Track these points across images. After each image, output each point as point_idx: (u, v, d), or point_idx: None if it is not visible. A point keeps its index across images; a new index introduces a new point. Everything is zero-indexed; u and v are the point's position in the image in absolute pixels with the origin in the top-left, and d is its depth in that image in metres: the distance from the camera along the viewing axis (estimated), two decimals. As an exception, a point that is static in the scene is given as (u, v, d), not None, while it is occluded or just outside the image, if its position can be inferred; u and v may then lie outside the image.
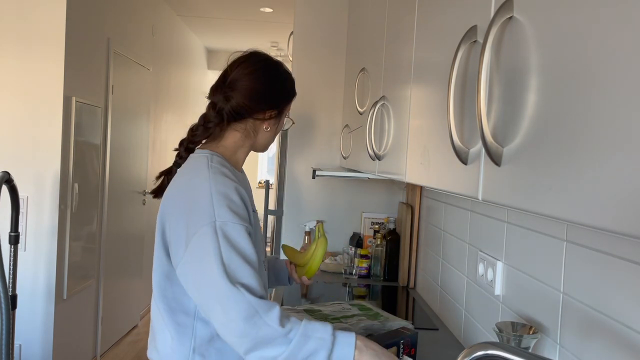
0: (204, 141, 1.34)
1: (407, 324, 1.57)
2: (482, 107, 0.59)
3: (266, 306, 1.09)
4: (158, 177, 1.36)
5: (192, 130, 1.33)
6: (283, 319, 1.09)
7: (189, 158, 1.30)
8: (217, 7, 5.02)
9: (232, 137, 1.31)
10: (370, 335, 1.42)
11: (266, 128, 1.33)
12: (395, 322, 1.56)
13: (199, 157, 1.26)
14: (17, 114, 2.92)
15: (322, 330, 1.10)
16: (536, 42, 0.54)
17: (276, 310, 1.09)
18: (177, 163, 1.33)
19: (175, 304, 1.23)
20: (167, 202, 1.22)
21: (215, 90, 1.31)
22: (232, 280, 1.09)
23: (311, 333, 1.09)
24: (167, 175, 1.34)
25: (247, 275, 1.11)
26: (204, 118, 1.31)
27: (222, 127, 1.31)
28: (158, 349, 1.26)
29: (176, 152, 1.34)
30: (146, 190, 4.54)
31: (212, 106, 1.30)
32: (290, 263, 1.57)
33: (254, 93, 1.28)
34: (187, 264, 1.15)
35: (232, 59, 1.33)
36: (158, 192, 1.34)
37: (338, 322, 1.48)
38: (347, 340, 1.11)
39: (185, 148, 1.33)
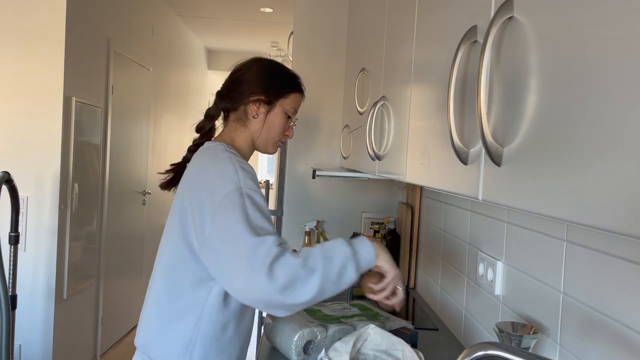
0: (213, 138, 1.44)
1: (407, 324, 1.57)
2: (482, 107, 0.59)
3: (282, 254, 1.12)
4: (169, 170, 1.43)
5: (197, 125, 1.44)
6: (298, 255, 1.13)
7: (202, 147, 1.35)
8: (217, 7, 5.01)
9: (232, 128, 1.40)
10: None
11: (254, 115, 1.38)
12: (395, 322, 1.56)
13: (214, 145, 1.34)
14: (17, 114, 2.92)
15: (337, 245, 1.16)
16: (536, 42, 0.54)
17: (288, 252, 1.12)
18: (188, 157, 1.40)
19: (188, 295, 1.25)
20: (187, 182, 1.27)
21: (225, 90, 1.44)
22: (257, 232, 1.13)
23: (331, 253, 1.14)
24: (178, 168, 1.41)
25: (270, 230, 1.16)
26: (205, 111, 1.45)
27: (226, 121, 1.43)
28: (155, 337, 1.28)
29: (187, 148, 1.42)
30: (146, 190, 4.54)
31: (214, 102, 1.45)
32: None
33: (240, 81, 1.39)
34: (214, 228, 1.17)
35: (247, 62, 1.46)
36: (167, 185, 1.42)
37: (338, 322, 1.48)
38: (362, 242, 1.20)
39: (196, 143, 1.42)
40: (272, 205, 3.11)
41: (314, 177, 2.14)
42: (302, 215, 2.79)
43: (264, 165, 8.37)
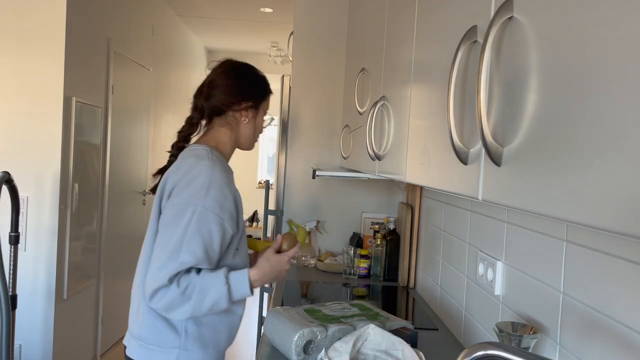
0: (194, 139, 1.53)
1: (407, 324, 1.57)
2: (482, 107, 0.59)
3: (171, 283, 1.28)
4: (155, 175, 1.51)
5: (180, 132, 1.53)
6: (180, 279, 1.28)
7: (187, 149, 1.45)
8: (217, 7, 5.02)
9: (219, 132, 1.50)
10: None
11: (244, 120, 1.50)
12: (395, 322, 1.56)
13: (199, 148, 1.42)
14: (18, 114, 2.92)
15: (216, 283, 1.30)
16: (536, 42, 0.54)
17: (172, 285, 1.28)
18: (172, 161, 1.49)
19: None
20: (169, 181, 1.38)
21: (198, 93, 1.52)
22: (172, 255, 1.28)
23: (207, 288, 1.29)
24: (164, 173, 1.47)
25: (192, 255, 1.28)
26: (188, 118, 1.53)
27: (208, 125, 1.52)
28: (151, 326, 1.39)
29: (169, 153, 1.51)
30: (146, 190, 4.54)
31: (194, 107, 1.52)
32: (257, 254, 1.62)
33: (228, 88, 1.48)
34: (162, 224, 1.33)
35: (210, 66, 1.56)
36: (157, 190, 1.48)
37: (338, 322, 1.48)
38: (241, 282, 1.34)
39: (177, 147, 1.50)
40: (272, 205, 3.11)
41: (314, 177, 2.14)
42: (302, 215, 2.79)
43: (264, 165, 8.38)
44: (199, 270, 1.32)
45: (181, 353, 1.37)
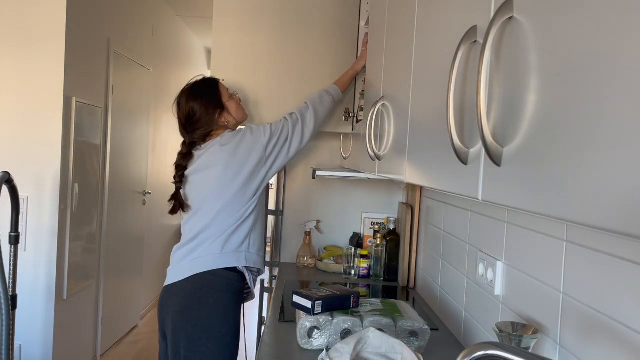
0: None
1: (421, 326, 1.55)
2: (482, 107, 0.59)
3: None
4: (170, 200, 2.03)
5: (176, 164, 2.03)
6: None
7: (210, 145, 1.96)
8: (217, 7, 5.01)
9: (219, 132, 2.02)
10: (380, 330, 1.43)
11: (226, 123, 2.02)
12: (408, 322, 1.53)
13: (220, 138, 1.98)
14: (17, 114, 2.92)
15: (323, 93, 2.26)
16: (536, 42, 0.54)
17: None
18: (178, 187, 2.02)
19: (243, 209, 1.98)
20: (230, 156, 1.92)
21: (184, 130, 2.02)
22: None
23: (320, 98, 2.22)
24: (176, 197, 2.02)
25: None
26: (181, 154, 2.01)
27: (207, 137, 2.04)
28: (227, 238, 1.95)
29: (174, 177, 2.03)
30: (146, 190, 4.54)
31: (183, 143, 2.02)
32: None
33: (202, 115, 1.97)
34: (273, 140, 1.99)
35: (174, 109, 2.04)
36: (174, 211, 2.04)
37: (345, 313, 1.51)
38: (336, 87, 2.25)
39: (179, 176, 2.01)
40: (272, 205, 3.11)
41: (314, 177, 2.14)
42: (302, 215, 2.79)
43: (264, 165, 8.37)
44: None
45: (247, 254, 1.99)
